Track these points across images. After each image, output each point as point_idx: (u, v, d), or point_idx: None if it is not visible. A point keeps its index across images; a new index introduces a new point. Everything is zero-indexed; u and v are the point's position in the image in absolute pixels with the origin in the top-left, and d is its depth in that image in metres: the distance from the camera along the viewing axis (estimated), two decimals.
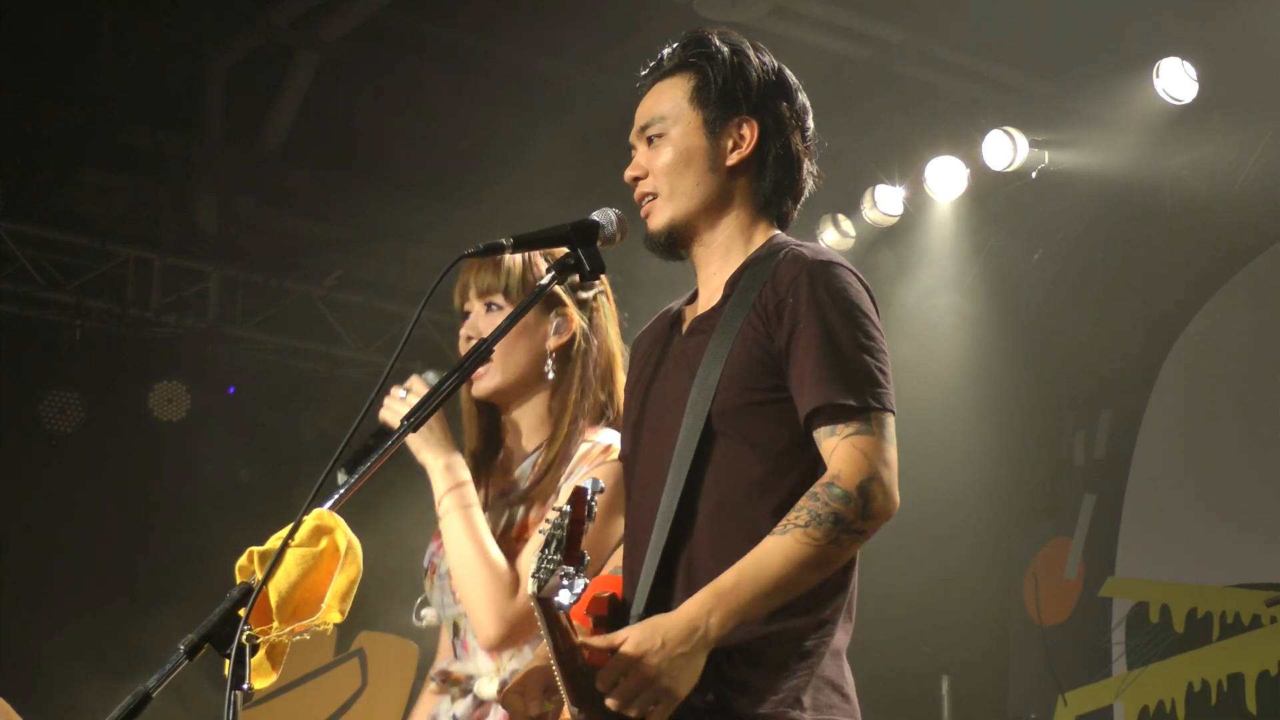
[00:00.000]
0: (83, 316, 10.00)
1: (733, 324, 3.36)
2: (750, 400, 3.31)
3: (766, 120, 3.55)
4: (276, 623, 3.07)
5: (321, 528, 3.15)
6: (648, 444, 3.48)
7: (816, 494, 3.17)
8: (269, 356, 10.66)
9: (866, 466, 3.19)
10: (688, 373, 3.39)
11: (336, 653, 10.94)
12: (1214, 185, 9.41)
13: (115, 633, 9.28)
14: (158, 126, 10.21)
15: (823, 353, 3.27)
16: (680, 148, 3.52)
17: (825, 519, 3.14)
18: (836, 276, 3.36)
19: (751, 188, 3.56)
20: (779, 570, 3.14)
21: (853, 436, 3.22)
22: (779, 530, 3.15)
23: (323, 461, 3.10)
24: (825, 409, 3.24)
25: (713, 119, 3.53)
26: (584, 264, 3.61)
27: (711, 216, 3.54)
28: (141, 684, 2.86)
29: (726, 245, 3.55)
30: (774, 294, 3.35)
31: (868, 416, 3.24)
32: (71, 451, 9.81)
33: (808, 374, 3.26)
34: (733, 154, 3.52)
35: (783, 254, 3.43)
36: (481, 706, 3.94)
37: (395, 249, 11.20)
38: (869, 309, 3.38)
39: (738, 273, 3.48)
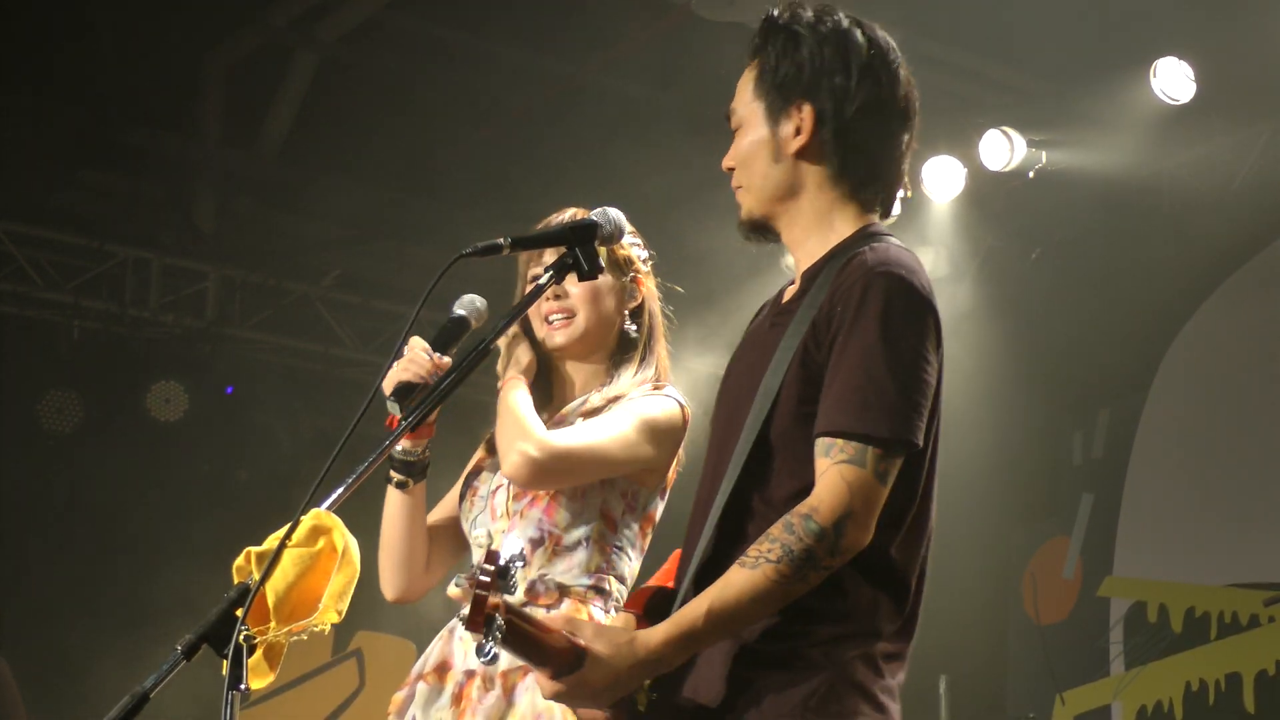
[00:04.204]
0: (81, 317, 10.00)
1: (799, 329, 3.23)
2: (803, 412, 3.17)
3: (821, 101, 3.37)
4: (274, 623, 3.07)
5: (319, 528, 3.16)
6: (723, 429, 3.38)
7: (792, 525, 3.02)
8: (267, 356, 10.66)
9: (847, 501, 3.03)
10: (764, 365, 3.28)
11: (334, 653, 10.95)
12: (1212, 185, 9.42)
13: (112, 632, 9.29)
14: (156, 126, 10.20)
15: (851, 374, 3.11)
16: (749, 139, 3.43)
17: (798, 556, 3.00)
18: (891, 289, 3.16)
19: (823, 173, 3.39)
20: (745, 606, 3.03)
21: (843, 465, 3.06)
22: (750, 562, 3.02)
23: (320, 461, 3.10)
24: (834, 431, 3.08)
25: (772, 106, 3.40)
26: (582, 263, 3.62)
27: (784, 206, 3.42)
28: (139, 685, 2.87)
29: (805, 233, 3.41)
30: (830, 301, 3.20)
31: (867, 448, 3.06)
32: (69, 452, 9.81)
33: (831, 392, 3.12)
34: (793, 141, 3.38)
35: (857, 254, 3.24)
36: None
37: (394, 249, 11.20)
38: (918, 330, 3.18)
39: (817, 265, 3.35)
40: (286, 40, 9.72)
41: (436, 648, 4.11)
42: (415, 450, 4.14)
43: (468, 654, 4.02)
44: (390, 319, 10.73)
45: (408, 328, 3.38)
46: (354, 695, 11.00)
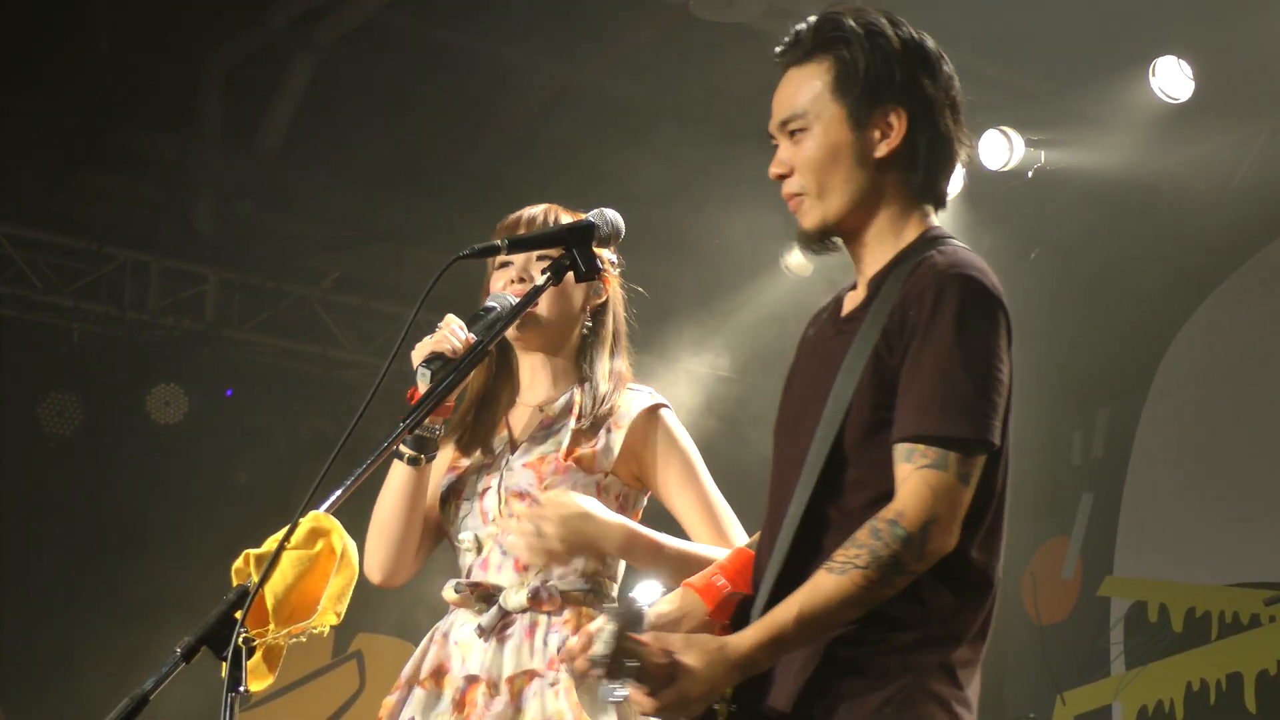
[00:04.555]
0: (80, 319, 10.00)
1: (870, 336, 3.19)
2: (876, 419, 3.14)
3: (914, 106, 3.33)
4: (273, 625, 3.07)
5: (318, 530, 3.16)
6: (789, 439, 3.36)
7: (879, 531, 3.02)
8: (266, 358, 10.66)
9: (932, 506, 3.03)
10: (830, 375, 3.24)
11: (334, 655, 10.95)
12: (1210, 184, 9.42)
13: (112, 634, 9.29)
14: (154, 129, 10.21)
15: (929, 376, 3.09)
16: (825, 143, 3.31)
17: (885, 562, 3.00)
18: (964, 291, 3.15)
19: (903, 178, 3.34)
20: (834, 611, 3.03)
21: (925, 470, 3.05)
22: (837, 568, 3.02)
23: (320, 463, 3.10)
24: (915, 435, 3.06)
25: (856, 110, 3.31)
26: (579, 265, 3.62)
27: (863, 211, 3.34)
28: (139, 687, 2.87)
29: (878, 238, 3.36)
30: (901, 306, 3.16)
31: (948, 452, 3.05)
32: (69, 454, 9.81)
33: (908, 397, 3.09)
34: (881, 145, 3.31)
35: (924, 258, 3.22)
36: (506, 617, 4.00)
37: (392, 251, 11.20)
38: (991, 331, 3.16)
39: (885, 270, 3.30)
40: (285, 42, 9.72)
41: (431, 652, 4.08)
42: (431, 427, 4.08)
43: (465, 659, 4.01)
44: (389, 321, 10.73)
45: (406, 329, 3.38)
46: (354, 697, 10.99)
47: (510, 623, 4.00)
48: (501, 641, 3.98)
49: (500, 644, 3.98)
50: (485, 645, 3.99)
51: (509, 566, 4.05)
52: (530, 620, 3.99)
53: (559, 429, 4.14)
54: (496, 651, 3.98)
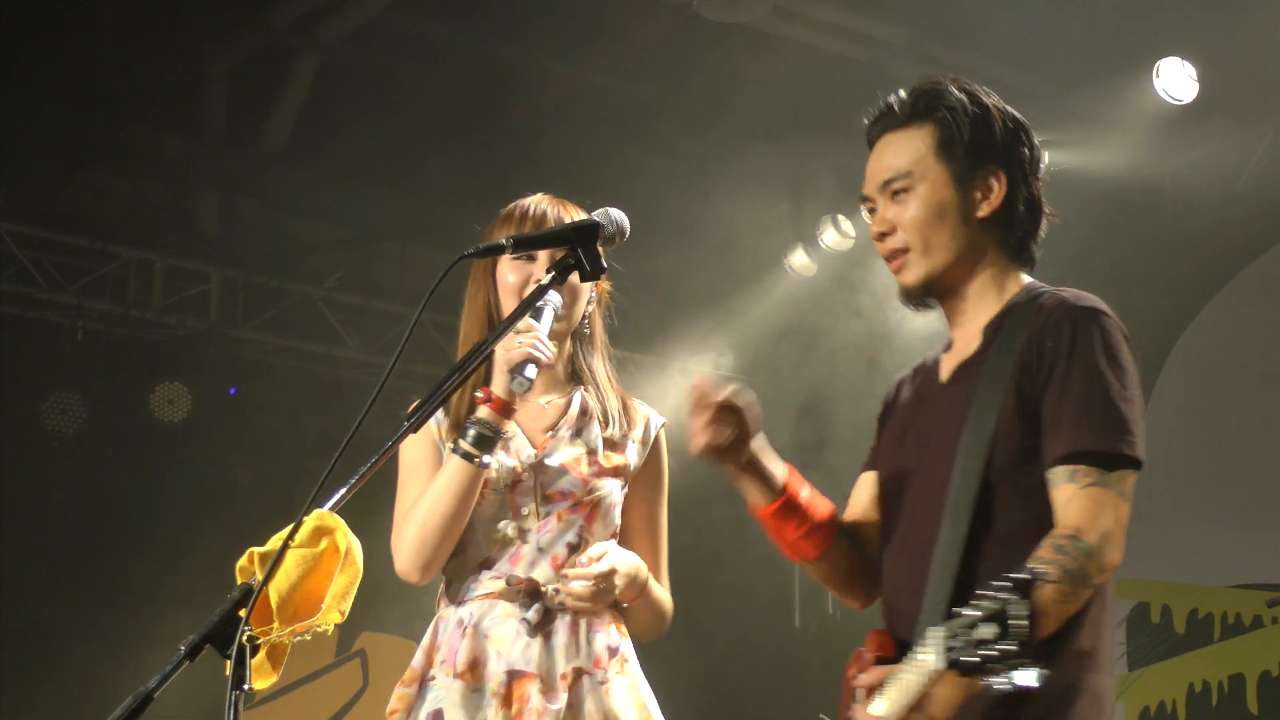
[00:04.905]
0: (84, 318, 9.99)
1: (1000, 371, 3.37)
2: (1021, 446, 3.32)
3: (1013, 170, 3.55)
4: (277, 623, 3.08)
5: (322, 528, 3.16)
6: (917, 488, 3.49)
7: (1064, 547, 3.17)
8: (270, 357, 10.65)
9: (1105, 521, 3.21)
10: (955, 419, 3.40)
11: (338, 654, 10.95)
12: (1215, 185, 9.42)
13: (116, 633, 9.29)
14: (158, 128, 10.21)
15: (1080, 399, 3.27)
16: (930, 202, 3.49)
17: (1075, 575, 3.16)
18: (1098, 324, 3.38)
19: (1002, 237, 3.54)
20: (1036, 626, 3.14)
21: (1091, 488, 3.23)
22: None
23: (323, 462, 3.10)
24: (1073, 455, 3.25)
25: (961, 172, 3.50)
26: (584, 264, 3.62)
27: (965, 268, 3.52)
28: (142, 685, 2.87)
29: (980, 294, 3.53)
30: (1037, 339, 3.35)
31: (1109, 469, 3.25)
32: (73, 453, 9.81)
33: (1063, 420, 3.27)
34: (983, 205, 3.51)
35: (1043, 298, 3.43)
36: (549, 613, 4.06)
37: (396, 250, 11.20)
38: (1128, 359, 3.38)
39: (997, 319, 3.48)
40: (289, 41, 9.72)
41: (463, 644, 4.05)
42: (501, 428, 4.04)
43: (501, 653, 4.01)
44: (393, 320, 10.72)
45: (410, 327, 3.38)
46: (358, 696, 10.99)
47: (552, 619, 4.03)
48: (545, 638, 4.01)
49: (545, 640, 4.00)
50: (529, 641, 4.00)
51: (545, 563, 4.09)
52: (572, 618, 4.03)
53: (584, 431, 4.22)
54: (544, 647, 4.01)
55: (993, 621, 2.85)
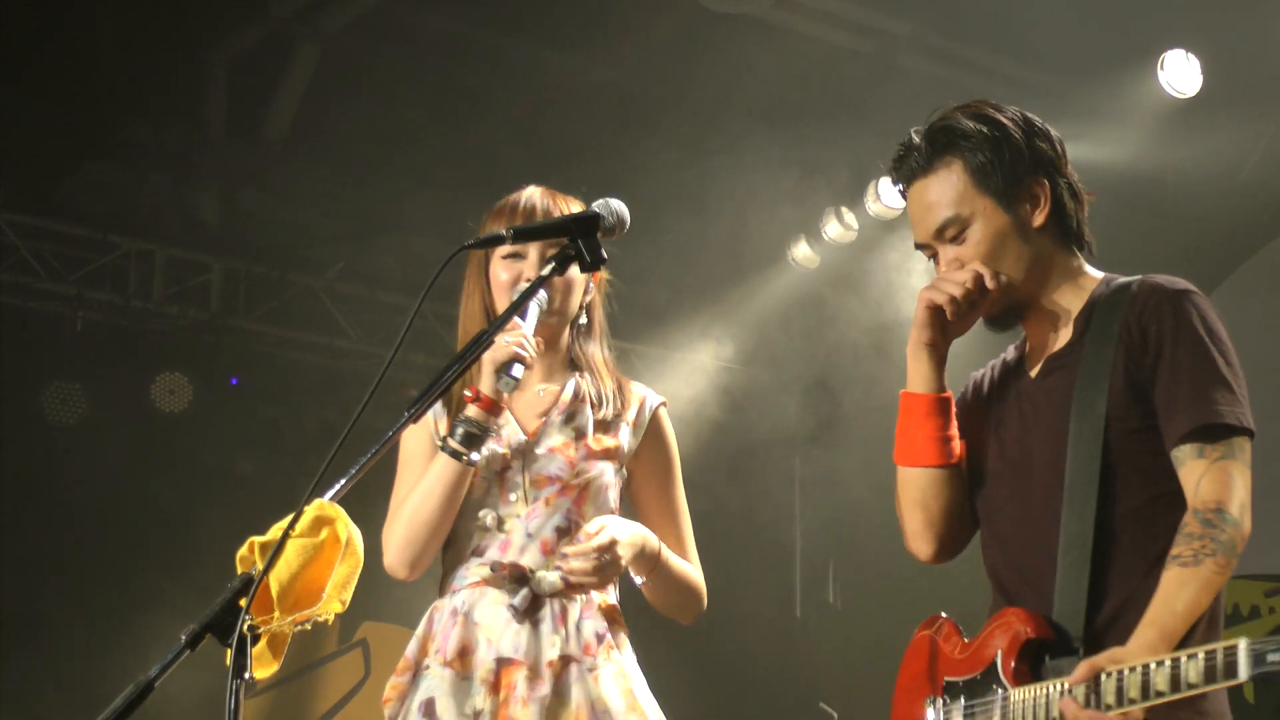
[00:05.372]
0: (84, 308, 9.99)
1: (1102, 357, 3.46)
2: (1134, 428, 3.41)
3: (1048, 169, 3.63)
4: (278, 613, 3.08)
5: (322, 518, 3.16)
6: (1022, 478, 3.56)
7: (1211, 520, 3.28)
8: (271, 348, 10.65)
9: (1241, 492, 3.34)
10: (1058, 407, 3.49)
11: (340, 643, 10.95)
12: (1217, 179, 9.41)
13: (117, 622, 9.29)
14: (159, 118, 10.20)
15: (1193, 377, 3.39)
16: (988, 234, 3.56)
17: (1228, 546, 3.28)
18: (1197, 305, 3.47)
19: (1060, 234, 3.63)
20: (1202, 599, 3.26)
21: (1221, 461, 3.34)
22: (1189, 560, 3.26)
23: (324, 453, 3.10)
24: (1196, 431, 3.34)
25: (1004, 194, 3.56)
26: (584, 255, 3.62)
27: (1039, 277, 3.61)
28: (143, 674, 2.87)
29: (1058, 292, 3.62)
30: (1138, 324, 3.45)
31: (1232, 441, 3.37)
32: (73, 443, 9.81)
33: (1180, 398, 3.38)
34: (1037, 215, 3.58)
35: (1133, 286, 3.53)
36: (536, 599, 4.06)
37: (397, 241, 11.19)
38: (1225, 334, 3.49)
39: (1085, 310, 3.57)
40: (290, 31, 9.71)
41: (454, 632, 4.07)
42: (489, 425, 4.09)
43: (491, 640, 4.02)
44: (394, 311, 10.72)
45: (410, 318, 3.38)
46: (360, 685, 10.99)
47: (540, 605, 4.02)
48: (534, 625, 4.00)
49: (534, 627, 4.00)
50: (519, 628, 4.00)
51: (534, 549, 4.09)
52: (561, 605, 4.02)
53: (576, 416, 4.21)
54: (532, 635, 4.00)
55: None
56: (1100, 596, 3.36)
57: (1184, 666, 3.00)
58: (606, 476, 4.18)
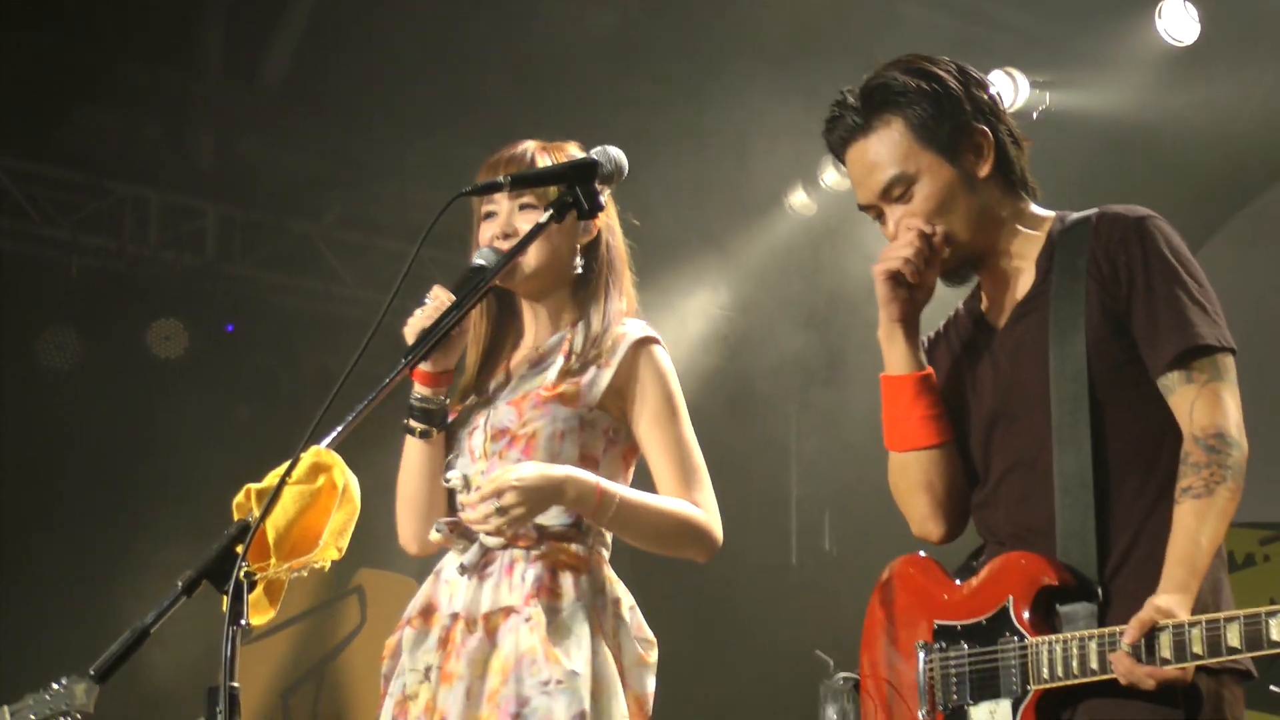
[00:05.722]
0: (79, 253, 9.97)
1: (1073, 294, 3.42)
2: (1116, 361, 3.39)
3: (987, 117, 3.58)
4: (274, 559, 3.08)
5: (319, 465, 3.16)
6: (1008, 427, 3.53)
7: (1216, 447, 3.28)
8: (267, 294, 10.64)
9: (1234, 411, 3.34)
10: (1034, 353, 3.46)
11: (336, 590, 10.97)
12: (1215, 126, 9.38)
13: (113, 569, 9.30)
14: (155, 62, 10.15)
15: (1170, 303, 3.35)
16: (935, 189, 3.53)
17: (1235, 469, 3.28)
18: (1161, 229, 3.46)
19: (1006, 183, 3.60)
20: (1221, 530, 3.27)
21: (1211, 384, 3.35)
22: (1202, 491, 3.25)
23: (321, 399, 3.10)
24: (1181, 356, 3.33)
25: (949, 147, 3.53)
26: (582, 202, 3.62)
27: (991, 228, 3.58)
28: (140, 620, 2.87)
29: (1010, 238, 3.60)
30: (1105, 256, 3.42)
31: (1216, 361, 3.36)
32: (69, 389, 9.80)
33: (1160, 324, 3.35)
34: (982, 165, 3.56)
35: (1095, 218, 3.49)
36: (487, 554, 4.05)
37: (394, 187, 11.15)
38: (1191, 256, 3.48)
39: (1045, 251, 3.54)
40: None
41: (423, 591, 4.14)
42: (435, 398, 4.17)
43: (452, 596, 4.05)
44: (391, 257, 10.70)
45: (408, 265, 3.37)
46: (355, 631, 11.02)
47: (491, 560, 4.03)
48: (483, 579, 4.01)
49: (481, 581, 4.01)
50: (468, 583, 4.01)
51: (490, 503, 4.04)
52: (510, 557, 4.01)
53: (548, 366, 4.17)
54: (477, 589, 4.01)
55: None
56: (1107, 536, 3.33)
57: (1266, 623, 2.98)
58: (559, 423, 4.07)
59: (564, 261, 4.20)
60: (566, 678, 3.83)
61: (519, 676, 3.86)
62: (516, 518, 3.89)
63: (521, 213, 4.13)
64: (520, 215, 4.13)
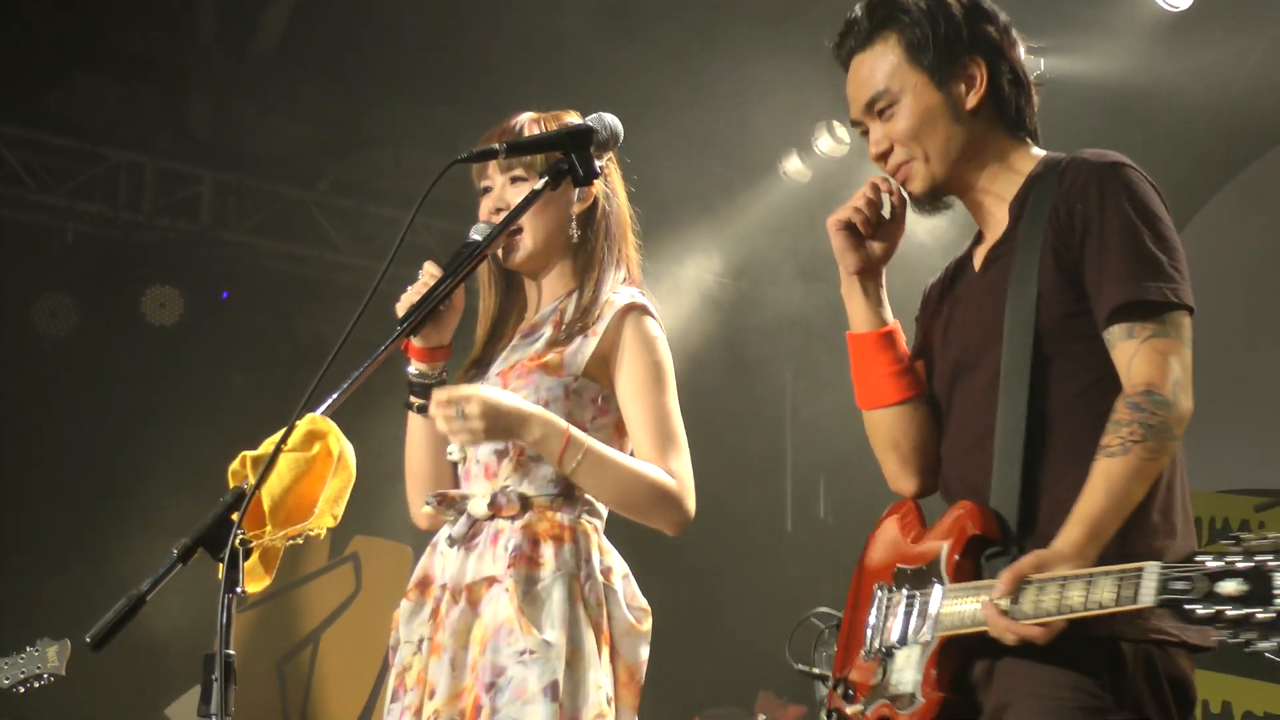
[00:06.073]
0: (74, 220, 9.97)
1: (1033, 240, 3.36)
2: (1067, 311, 3.32)
3: (987, 50, 3.52)
4: (269, 527, 3.08)
5: (314, 432, 3.16)
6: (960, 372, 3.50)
7: (1140, 405, 3.16)
8: (262, 261, 10.63)
9: (1172, 369, 3.19)
10: (995, 300, 3.40)
11: (331, 557, 10.99)
12: (1210, 92, 9.38)
13: (108, 535, 9.31)
14: (150, 29, 10.14)
15: (1119, 253, 3.26)
16: (917, 111, 3.49)
17: (1157, 430, 3.14)
18: (1124, 176, 3.35)
19: (997, 119, 3.54)
20: (1133, 490, 3.14)
21: (1152, 340, 3.21)
22: (1117, 449, 3.14)
23: (316, 366, 3.10)
24: (1124, 308, 3.23)
25: (938, 71, 3.49)
26: (577, 169, 3.62)
27: (970, 161, 3.53)
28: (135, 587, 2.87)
29: (993, 179, 3.54)
30: (1064, 202, 3.34)
31: (1164, 317, 3.23)
32: (64, 355, 9.80)
33: (1106, 274, 3.26)
34: (970, 96, 3.50)
35: (1064, 163, 3.42)
36: (475, 525, 4.05)
37: (389, 153, 11.15)
38: (1159, 206, 3.36)
39: (1021, 194, 3.48)
40: None
41: (421, 563, 4.15)
42: (432, 373, 4.17)
43: (445, 568, 4.06)
44: (386, 224, 10.70)
45: (403, 231, 3.37)
46: (351, 598, 11.04)
47: (479, 530, 4.03)
48: (470, 550, 4.01)
49: (469, 552, 4.01)
50: (457, 554, 4.02)
51: (480, 475, 4.09)
52: (495, 527, 4.02)
53: (539, 337, 4.16)
54: (464, 560, 4.02)
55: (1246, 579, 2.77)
56: (1034, 492, 3.26)
57: (1098, 584, 2.94)
58: (542, 392, 4.03)
59: (559, 233, 4.18)
60: (539, 647, 3.83)
61: (496, 646, 3.86)
62: (472, 429, 3.83)
63: (514, 186, 4.13)
64: (512, 189, 4.12)
